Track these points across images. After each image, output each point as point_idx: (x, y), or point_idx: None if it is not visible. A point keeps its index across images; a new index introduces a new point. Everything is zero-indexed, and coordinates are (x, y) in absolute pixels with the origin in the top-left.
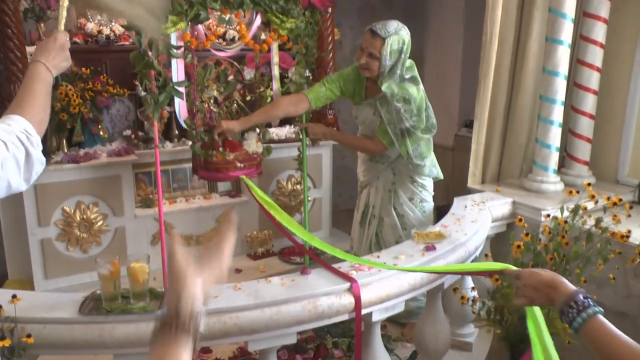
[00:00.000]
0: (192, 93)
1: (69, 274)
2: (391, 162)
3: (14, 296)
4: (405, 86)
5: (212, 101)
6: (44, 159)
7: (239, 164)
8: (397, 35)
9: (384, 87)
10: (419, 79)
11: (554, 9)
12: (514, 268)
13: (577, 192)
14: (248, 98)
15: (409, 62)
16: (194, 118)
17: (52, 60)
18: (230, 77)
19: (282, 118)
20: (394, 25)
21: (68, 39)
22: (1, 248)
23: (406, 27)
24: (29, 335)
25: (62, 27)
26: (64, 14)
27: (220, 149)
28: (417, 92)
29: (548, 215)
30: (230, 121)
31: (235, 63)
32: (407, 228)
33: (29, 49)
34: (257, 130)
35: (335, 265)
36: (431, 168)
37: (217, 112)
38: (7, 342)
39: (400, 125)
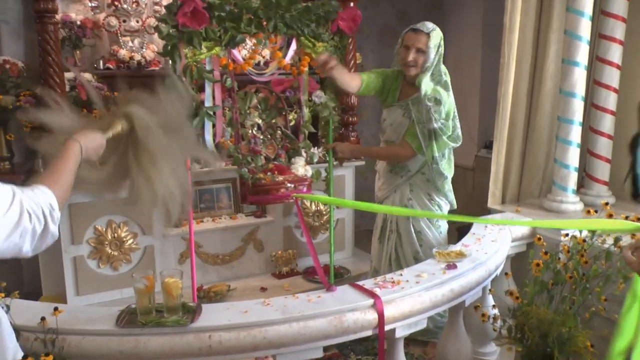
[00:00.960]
0: (235, 118)
1: (99, 290)
2: (410, 176)
3: (55, 308)
4: (438, 89)
5: (255, 128)
6: (57, 234)
7: (289, 184)
8: (436, 30)
9: (422, 83)
10: (450, 86)
11: (569, 31)
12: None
13: (595, 211)
14: (292, 123)
15: (443, 67)
16: (238, 143)
17: (89, 150)
18: (271, 104)
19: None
20: (430, 23)
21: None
22: (36, 265)
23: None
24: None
25: (108, 135)
26: (117, 129)
27: (269, 173)
28: (448, 97)
29: (567, 235)
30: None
31: (275, 91)
32: (423, 245)
33: (67, 75)
34: (304, 154)
35: (360, 283)
36: (449, 188)
37: (262, 139)
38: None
39: (428, 125)
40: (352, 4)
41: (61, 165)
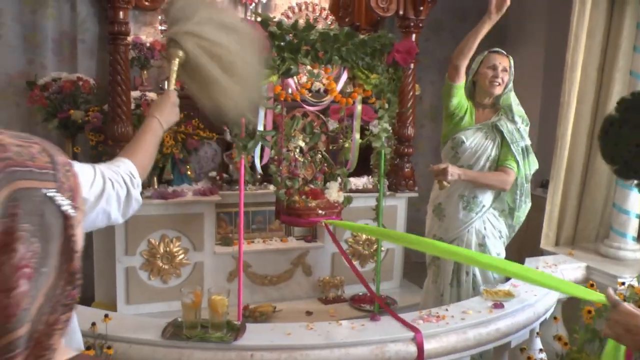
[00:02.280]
0: (279, 142)
1: (149, 301)
2: (484, 212)
3: (106, 315)
4: (521, 108)
5: (297, 150)
6: (141, 199)
7: (320, 211)
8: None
9: (511, 101)
10: None
11: (635, 72)
12: (615, 297)
13: None
14: (332, 148)
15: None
16: (280, 165)
17: (165, 116)
18: (316, 129)
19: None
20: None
21: (177, 96)
22: (91, 272)
23: None
24: (109, 347)
25: (172, 85)
26: (174, 74)
27: (303, 196)
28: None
29: (623, 283)
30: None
31: (322, 115)
32: (498, 282)
33: (133, 94)
34: (339, 179)
35: (405, 315)
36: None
37: (302, 161)
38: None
39: (521, 142)
40: (413, 36)
41: (140, 138)
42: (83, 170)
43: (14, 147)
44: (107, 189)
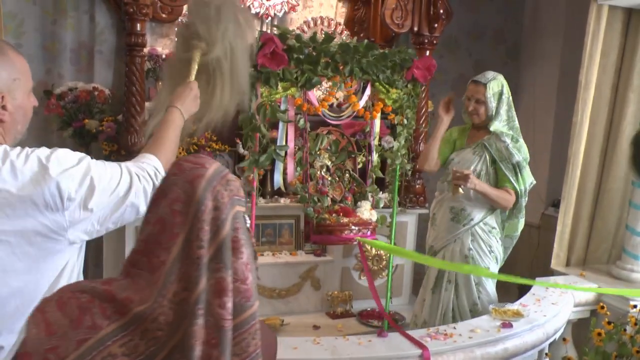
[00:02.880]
0: (305, 158)
1: None
2: (472, 225)
3: None
4: (513, 130)
5: (324, 169)
6: None
7: (353, 227)
8: (496, 80)
9: (492, 127)
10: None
11: None
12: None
13: None
14: (360, 167)
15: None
16: (306, 182)
17: (186, 106)
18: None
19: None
20: (490, 73)
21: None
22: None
23: (501, 75)
24: None
25: (192, 77)
26: (195, 66)
27: (334, 214)
28: (522, 141)
29: (635, 306)
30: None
31: (347, 135)
32: (481, 296)
33: (147, 105)
34: (371, 198)
35: (413, 332)
36: (515, 234)
37: (330, 180)
38: None
39: (511, 160)
40: (428, 53)
41: (164, 133)
42: (109, 167)
43: (235, 183)
44: (134, 184)
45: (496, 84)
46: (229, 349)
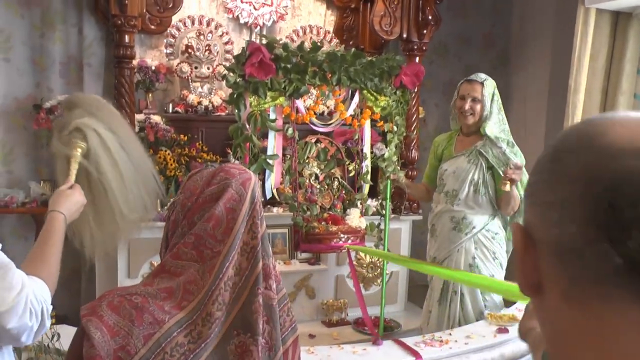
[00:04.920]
0: (294, 167)
1: None
2: (475, 233)
3: None
4: (505, 133)
5: (313, 177)
6: (49, 326)
7: (342, 235)
8: (489, 80)
9: (487, 130)
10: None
11: (639, 95)
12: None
13: None
14: (351, 174)
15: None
16: (295, 191)
17: (72, 214)
18: (330, 155)
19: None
20: (483, 74)
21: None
22: (94, 294)
23: None
24: None
25: (73, 177)
26: (76, 165)
27: (323, 222)
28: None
29: None
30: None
31: (335, 142)
32: (488, 305)
33: (138, 117)
34: (360, 205)
35: (408, 339)
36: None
37: (319, 188)
38: None
39: (505, 168)
40: (417, 59)
41: (50, 246)
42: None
43: None
44: (25, 319)
45: (491, 84)
46: (278, 323)
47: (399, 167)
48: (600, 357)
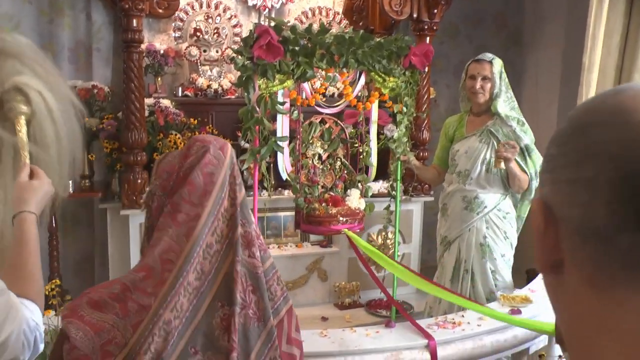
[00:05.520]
0: (297, 149)
1: None
2: (486, 212)
3: None
4: (515, 111)
5: (316, 157)
6: (42, 349)
7: (341, 218)
8: (497, 58)
9: (499, 108)
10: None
11: None
12: None
13: None
14: (351, 153)
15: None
16: (298, 172)
17: (41, 208)
18: (334, 136)
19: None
20: (489, 53)
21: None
22: (107, 279)
23: None
24: None
25: (27, 159)
26: (25, 140)
27: (324, 204)
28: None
29: None
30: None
31: (340, 122)
32: (498, 285)
33: (147, 101)
34: (360, 186)
35: (421, 321)
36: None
37: (321, 168)
38: None
39: (519, 143)
40: (428, 39)
41: (29, 254)
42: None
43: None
44: (17, 352)
45: (498, 63)
46: (266, 292)
47: (408, 149)
48: (618, 342)
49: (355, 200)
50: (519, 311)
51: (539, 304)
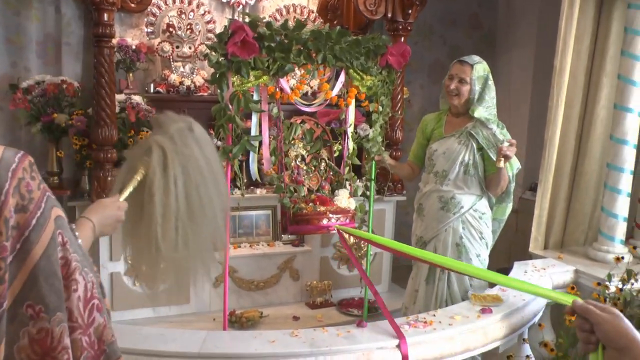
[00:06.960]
0: (279, 147)
1: (133, 307)
2: (462, 213)
3: None
4: (494, 117)
5: (299, 158)
6: None
7: (331, 215)
8: (482, 63)
9: (476, 114)
10: None
11: (623, 76)
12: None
13: (622, 258)
14: (336, 155)
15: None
16: (281, 172)
17: (104, 227)
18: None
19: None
20: (477, 57)
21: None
22: None
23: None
24: None
25: (123, 197)
26: (134, 184)
27: (311, 204)
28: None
29: (598, 283)
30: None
31: (321, 124)
32: (474, 284)
33: (118, 97)
34: (348, 186)
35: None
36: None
37: (305, 169)
38: None
39: (498, 146)
40: (402, 39)
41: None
42: None
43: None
44: None
45: (482, 68)
46: None
47: (383, 148)
48: None
49: (344, 199)
50: (490, 310)
51: (509, 302)
